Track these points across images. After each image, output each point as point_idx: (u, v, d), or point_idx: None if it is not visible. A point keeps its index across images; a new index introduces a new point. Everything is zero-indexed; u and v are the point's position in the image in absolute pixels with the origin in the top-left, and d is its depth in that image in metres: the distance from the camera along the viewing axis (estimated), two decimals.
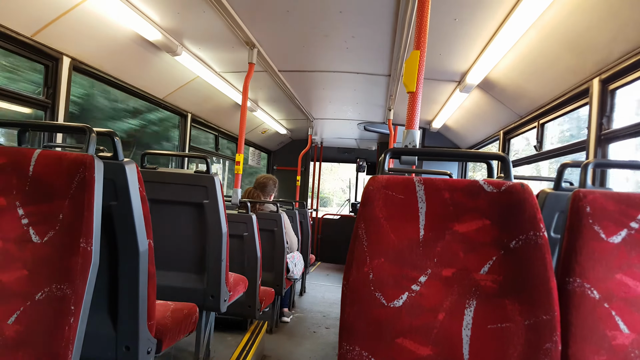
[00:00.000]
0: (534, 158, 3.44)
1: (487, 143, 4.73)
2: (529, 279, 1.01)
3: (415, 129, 1.52)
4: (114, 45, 2.83)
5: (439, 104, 4.57)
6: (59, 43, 2.50)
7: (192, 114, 4.36)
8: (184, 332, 1.76)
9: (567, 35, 2.29)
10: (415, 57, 1.54)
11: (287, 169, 7.67)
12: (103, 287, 1.42)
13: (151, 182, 2.17)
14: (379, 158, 5.41)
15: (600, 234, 1.08)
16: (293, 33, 3.04)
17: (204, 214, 2.17)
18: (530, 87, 3.05)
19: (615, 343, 1.03)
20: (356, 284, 1.06)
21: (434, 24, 2.50)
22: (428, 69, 3.47)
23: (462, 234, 1.07)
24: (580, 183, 1.27)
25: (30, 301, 1.08)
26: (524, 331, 1.00)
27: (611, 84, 2.26)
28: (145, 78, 3.38)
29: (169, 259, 2.21)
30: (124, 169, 1.37)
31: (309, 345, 3.36)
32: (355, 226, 1.09)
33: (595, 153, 2.31)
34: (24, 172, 1.18)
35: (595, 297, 1.05)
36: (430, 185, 1.09)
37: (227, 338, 2.77)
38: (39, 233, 1.13)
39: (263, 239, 3.26)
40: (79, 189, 1.14)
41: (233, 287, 2.34)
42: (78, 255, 1.11)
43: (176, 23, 2.87)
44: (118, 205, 1.38)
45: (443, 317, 1.04)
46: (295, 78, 4.15)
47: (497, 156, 1.19)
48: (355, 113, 5.50)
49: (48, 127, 2.08)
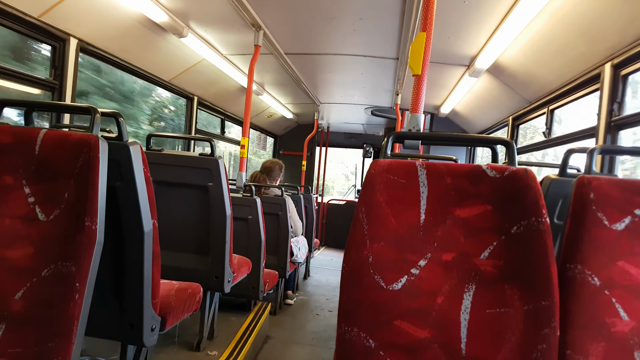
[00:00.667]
0: (543, 145, 3.39)
1: (496, 129, 4.67)
2: (529, 264, 1.01)
3: (420, 113, 1.50)
4: (120, 27, 2.82)
5: (448, 89, 4.51)
6: (66, 24, 2.50)
7: (199, 97, 4.35)
8: (187, 310, 1.80)
9: (578, 20, 2.23)
10: (421, 39, 1.51)
11: (293, 154, 7.66)
12: (108, 266, 1.44)
13: (156, 163, 2.18)
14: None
15: (604, 220, 1.07)
16: (299, 15, 3.00)
17: (208, 197, 2.18)
18: (541, 73, 2.99)
19: (615, 330, 1.03)
20: (356, 267, 1.06)
21: (443, 7, 2.45)
22: (437, 53, 3.41)
23: (463, 218, 1.06)
24: (585, 169, 1.25)
25: (36, 277, 1.11)
26: (522, 316, 1.00)
27: (623, 69, 2.21)
28: (151, 60, 3.37)
29: (173, 240, 2.24)
30: (128, 149, 1.37)
31: (312, 327, 3.41)
32: (356, 210, 1.09)
33: (604, 139, 2.27)
34: (30, 151, 1.19)
35: (596, 284, 1.05)
36: (432, 169, 1.08)
37: (231, 318, 2.81)
38: (44, 211, 1.15)
39: (268, 223, 3.29)
40: (83, 169, 1.15)
41: (237, 268, 2.37)
42: (83, 234, 1.13)
43: (182, 4, 2.84)
44: (123, 185, 1.39)
45: (442, 300, 1.04)
46: (301, 61, 4.11)
47: (502, 141, 1.17)
48: (363, 97, 5.44)
49: (53, 107, 2.09)
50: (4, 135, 1.21)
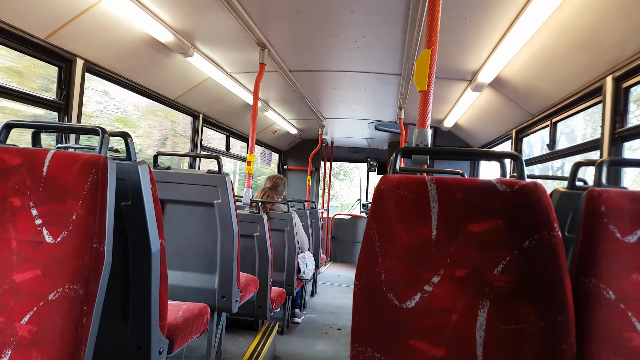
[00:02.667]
0: (547, 157, 3.39)
1: (499, 142, 4.68)
2: (543, 279, 1.00)
3: (427, 128, 1.51)
4: (126, 47, 2.87)
5: (450, 103, 4.53)
6: (73, 45, 2.54)
7: (204, 114, 4.39)
8: (195, 332, 1.77)
9: (579, 33, 2.25)
10: (426, 56, 1.52)
11: (298, 169, 7.67)
12: (115, 287, 1.42)
13: (163, 182, 2.19)
14: (389, 157, 5.38)
15: (616, 233, 1.06)
16: (304, 33, 3.04)
17: (215, 214, 2.18)
18: (543, 86, 3.01)
19: (632, 345, 1.01)
20: (368, 285, 1.05)
21: (445, 23, 2.48)
22: (439, 68, 3.43)
23: (475, 233, 1.05)
24: (594, 182, 1.24)
25: (43, 301, 1.09)
26: (538, 332, 0.98)
27: (625, 82, 2.21)
28: (157, 79, 3.41)
29: (180, 259, 2.23)
30: (136, 169, 1.38)
31: (321, 346, 3.36)
32: (367, 226, 1.08)
33: (609, 152, 2.27)
34: (37, 172, 1.19)
35: (611, 297, 1.03)
36: (442, 184, 1.08)
37: (239, 339, 2.78)
38: (52, 233, 1.14)
39: (274, 239, 3.27)
40: (92, 190, 1.15)
41: (244, 287, 2.35)
42: (91, 256, 1.11)
43: (188, 24, 2.90)
44: (130, 205, 1.39)
45: (456, 318, 1.03)
46: (305, 78, 4.15)
47: (510, 155, 1.17)
48: (366, 112, 5.48)
49: (61, 128, 2.10)
50: (12, 157, 1.21)
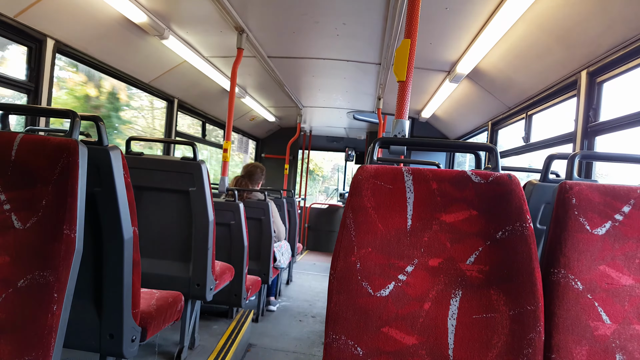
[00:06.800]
0: (522, 149, 3.47)
1: (475, 133, 4.76)
2: (515, 269, 1.02)
3: (405, 119, 1.51)
4: (99, 28, 2.75)
5: (429, 94, 4.57)
6: (43, 24, 2.41)
7: (179, 99, 4.28)
8: (168, 320, 1.75)
9: (556, 27, 2.29)
10: (406, 45, 1.52)
11: (276, 157, 7.62)
12: (87, 274, 1.39)
13: (136, 168, 2.13)
14: (367, 147, 5.40)
15: (586, 225, 1.09)
16: (283, 18, 2.98)
17: (190, 202, 2.14)
18: (519, 79, 3.06)
19: (597, 333, 1.05)
20: (343, 273, 1.05)
21: (425, 13, 2.48)
22: (418, 58, 3.45)
23: (449, 224, 1.07)
24: (566, 175, 1.28)
25: (12, 288, 1.06)
26: (508, 321, 1.01)
27: (599, 77, 2.27)
28: (130, 61, 3.29)
29: (154, 247, 2.18)
30: (108, 154, 1.34)
31: (295, 334, 3.38)
32: (344, 215, 1.08)
33: (581, 145, 2.33)
34: (5, 156, 1.14)
35: (579, 288, 1.07)
36: (418, 175, 1.08)
37: (213, 326, 2.76)
38: (21, 219, 1.11)
39: (250, 228, 3.25)
40: (62, 175, 1.11)
41: (219, 275, 2.33)
42: (61, 242, 1.08)
43: (163, 5, 2.79)
44: (102, 191, 1.35)
45: (429, 306, 1.04)
46: (284, 64, 4.09)
47: (486, 147, 1.19)
48: (345, 101, 5.46)
49: (31, 110, 2.02)
50: None
